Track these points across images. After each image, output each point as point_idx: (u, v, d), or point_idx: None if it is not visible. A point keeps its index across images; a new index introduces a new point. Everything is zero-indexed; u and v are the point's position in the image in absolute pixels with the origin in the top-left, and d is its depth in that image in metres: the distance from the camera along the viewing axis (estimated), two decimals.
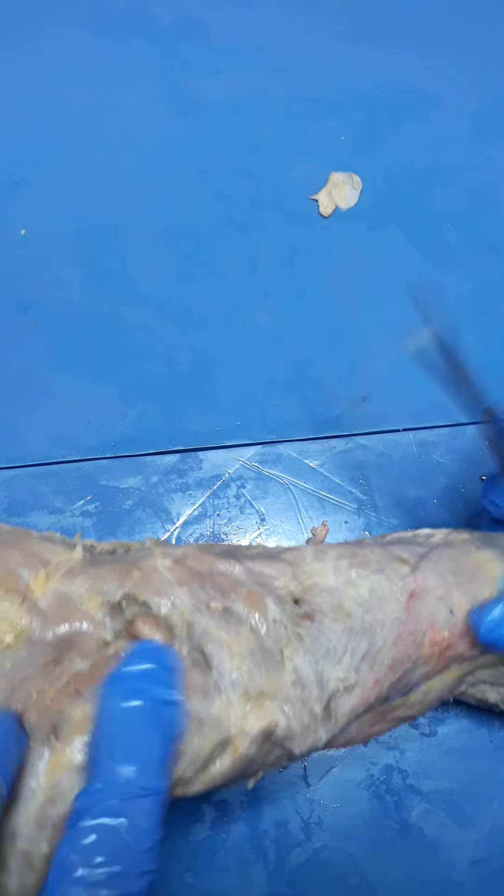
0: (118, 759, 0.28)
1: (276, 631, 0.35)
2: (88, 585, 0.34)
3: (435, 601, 0.38)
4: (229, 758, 0.33)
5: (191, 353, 0.52)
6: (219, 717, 0.32)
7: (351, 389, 0.52)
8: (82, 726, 0.31)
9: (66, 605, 0.34)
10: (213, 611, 0.35)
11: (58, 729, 0.31)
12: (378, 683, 0.37)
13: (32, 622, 0.33)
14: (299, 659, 0.35)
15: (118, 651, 0.33)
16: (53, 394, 0.50)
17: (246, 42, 0.58)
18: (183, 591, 0.35)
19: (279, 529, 0.49)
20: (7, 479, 0.48)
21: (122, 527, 0.48)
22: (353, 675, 0.36)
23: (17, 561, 0.35)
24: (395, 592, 0.38)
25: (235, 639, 0.34)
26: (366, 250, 0.55)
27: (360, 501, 0.50)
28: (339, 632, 0.36)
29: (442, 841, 0.44)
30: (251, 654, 0.34)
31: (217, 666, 0.33)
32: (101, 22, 0.57)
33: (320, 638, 0.36)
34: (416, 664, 0.38)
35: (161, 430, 0.50)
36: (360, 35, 0.59)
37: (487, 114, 0.58)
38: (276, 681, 0.34)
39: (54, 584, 0.34)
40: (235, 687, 0.33)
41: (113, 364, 0.51)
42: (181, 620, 0.34)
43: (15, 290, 0.52)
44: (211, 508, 0.49)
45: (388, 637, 0.37)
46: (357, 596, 0.37)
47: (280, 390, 0.52)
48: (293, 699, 0.34)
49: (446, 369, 0.39)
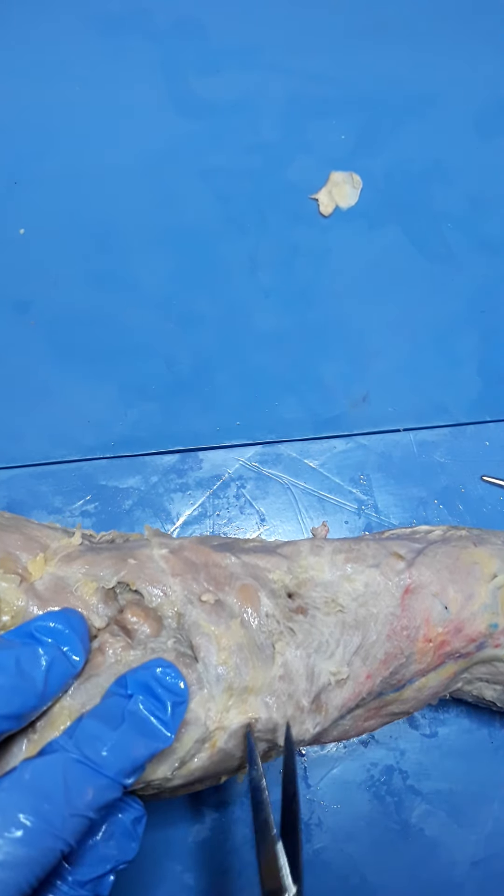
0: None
1: (269, 625, 0.35)
2: (85, 571, 0.35)
3: (430, 597, 0.38)
4: (207, 752, 0.33)
5: (191, 353, 0.52)
6: (198, 713, 0.32)
7: (351, 389, 0.52)
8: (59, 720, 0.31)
9: (62, 590, 0.34)
10: (205, 603, 0.35)
11: (36, 722, 0.31)
12: (370, 677, 0.37)
13: (29, 604, 0.33)
14: (290, 653, 0.35)
15: (102, 645, 0.33)
16: (53, 394, 0.50)
17: (246, 42, 0.58)
18: (176, 581, 0.35)
19: (279, 529, 0.49)
20: (7, 479, 0.48)
21: (122, 527, 0.48)
22: (346, 668, 0.36)
23: (17, 544, 0.35)
24: (389, 587, 0.38)
25: (225, 632, 0.34)
26: (366, 250, 0.55)
27: (361, 501, 0.50)
28: (332, 625, 0.36)
29: (442, 842, 0.44)
30: (239, 649, 0.34)
31: (203, 659, 0.33)
32: (101, 22, 0.57)
33: (313, 632, 0.36)
34: (410, 659, 0.38)
35: (161, 430, 0.50)
36: (360, 35, 0.59)
37: (487, 114, 0.58)
38: (263, 675, 0.34)
39: (52, 568, 0.35)
40: (219, 681, 0.33)
41: (113, 364, 0.51)
42: (172, 611, 0.34)
43: (15, 289, 0.52)
44: (211, 508, 0.49)
45: (382, 631, 0.37)
46: (352, 590, 0.37)
47: (280, 390, 0.52)
48: (278, 692, 0.34)
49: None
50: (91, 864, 0.29)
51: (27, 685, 0.29)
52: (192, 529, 0.48)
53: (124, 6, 0.57)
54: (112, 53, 0.56)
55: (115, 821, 0.30)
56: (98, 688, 0.32)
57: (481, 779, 0.45)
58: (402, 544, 0.40)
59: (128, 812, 0.30)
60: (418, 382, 0.53)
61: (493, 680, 0.41)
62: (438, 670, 0.39)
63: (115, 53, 0.56)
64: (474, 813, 0.45)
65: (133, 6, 0.57)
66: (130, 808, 0.31)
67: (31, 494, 0.48)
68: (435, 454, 0.51)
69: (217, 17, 0.58)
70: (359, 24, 0.59)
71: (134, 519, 0.48)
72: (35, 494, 0.48)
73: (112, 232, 0.53)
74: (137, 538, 0.39)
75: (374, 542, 0.40)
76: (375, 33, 0.59)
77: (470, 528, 0.43)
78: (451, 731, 0.46)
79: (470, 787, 0.45)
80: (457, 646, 0.38)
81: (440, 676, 0.39)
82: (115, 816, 0.30)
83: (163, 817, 0.43)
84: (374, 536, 0.42)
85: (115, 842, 0.30)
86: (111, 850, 0.29)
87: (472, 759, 0.46)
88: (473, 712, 0.46)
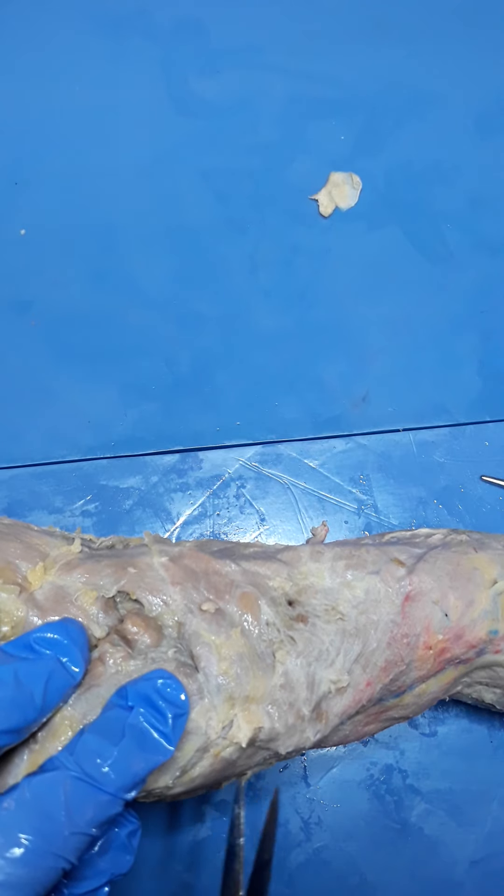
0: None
1: (269, 634, 0.35)
2: (85, 580, 0.35)
3: (430, 604, 0.38)
4: (208, 760, 0.33)
5: (191, 353, 0.52)
6: (199, 722, 0.32)
7: (351, 389, 0.52)
8: (60, 730, 0.31)
9: (63, 599, 0.34)
10: (206, 612, 0.35)
11: (37, 733, 0.31)
12: (371, 685, 0.37)
13: (29, 614, 0.33)
14: (291, 662, 0.35)
15: (102, 655, 0.33)
16: (53, 394, 0.50)
17: (246, 42, 0.58)
18: (176, 590, 0.35)
19: (279, 529, 0.49)
20: (7, 479, 0.48)
21: (122, 527, 0.48)
22: (346, 676, 0.36)
23: (16, 553, 0.35)
24: (390, 594, 0.38)
25: (226, 641, 0.34)
26: (366, 250, 0.55)
27: (360, 501, 0.50)
28: (333, 633, 0.36)
29: (442, 841, 0.44)
30: (240, 658, 0.34)
31: (204, 669, 0.33)
32: (101, 22, 0.57)
33: (313, 640, 0.36)
34: (410, 666, 0.38)
35: (161, 430, 0.50)
36: (360, 35, 0.59)
37: (487, 114, 0.58)
38: (263, 684, 0.34)
39: (52, 577, 0.35)
40: (220, 691, 0.33)
41: (113, 364, 0.51)
42: (172, 621, 0.34)
43: (15, 290, 0.52)
44: (211, 508, 0.49)
45: (382, 639, 0.37)
46: (352, 597, 0.37)
47: (280, 390, 0.52)
48: (279, 702, 0.34)
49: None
50: (87, 878, 0.29)
51: (26, 699, 0.29)
52: (192, 529, 0.48)
53: (124, 6, 0.57)
54: (112, 53, 0.56)
55: (111, 835, 0.30)
56: (98, 698, 0.31)
57: (481, 778, 0.45)
58: (402, 550, 0.40)
59: (124, 826, 0.30)
60: (418, 382, 0.53)
61: (493, 684, 0.41)
62: (438, 676, 0.39)
63: (115, 53, 0.56)
64: (474, 812, 0.45)
65: (133, 6, 0.57)
66: (127, 822, 0.31)
67: (32, 494, 0.48)
68: (434, 454, 0.51)
69: (217, 17, 0.58)
70: (359, 25, 0.59)
71: (134, 519, 0.48)
72: (35, 494, 0.48)
73: (112, 232, 0.53)
74: (137, 543, 0.39)
75: (375, 547, 0.40)
76: (375, 34, 0.59)
77: (470, 532, 0.43)
78: (451, 731, 0.46)
79: (469, 786, 0.45)
80: (457, 652, 0.38)
81: (440, 682, 0.39)
82: (112, 831, 0.30)
83: (163, 817, 0.43)
84: (374, 540, 0.42)
85: (111, 855, 0.30)
86: (107, 864, 0.30)
87: (472, 758, 0.46)
88: (473, 712, 0.46)
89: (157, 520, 0.48)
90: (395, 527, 0.49)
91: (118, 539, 0.40)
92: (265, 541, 0.49)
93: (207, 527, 0.48)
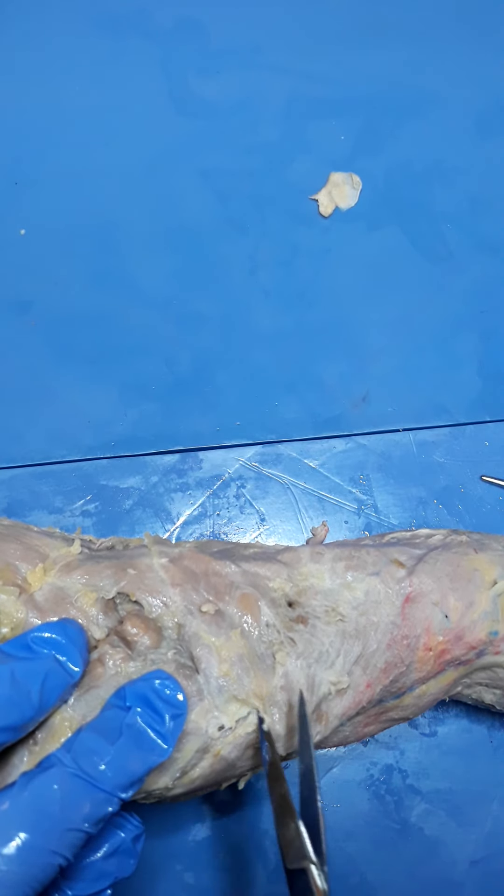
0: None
1: (269, 635, 0.35)
2: (84, 581, 0.35)
3: (430, 605, 0.38)
4: (208, 761, 0.33)
5: (191, 353, 0.52)
6: (199, 723, 0.32)
7: (351, 389, 0.52)
8: (60, 732, 0.31)
9: (62, 600, 0.34)
10: (206, 614, 0.35)
11: (36, 733, 0.31)
12: (370, 686, 0.37)
13: (28, 615, 0.33)
14: (291, 663, 0.35)
15: (102, 656, 0.33)
16: (53, 394, 0.50)
17: (246, 42, 0.58)
18: (176, 591, 0.35)
19: (279, 529, 0.49)
20: (7, 479, 0.48)
21: (122, 526, 0.48)
22: (346, 678, 0.36)
23: (16, 554, 0.35)
24: (390, 596, 0.38)
25: (225, 643, 0.34)
26: (366, 250, 0.55)
27: (360, 501, 0.50)
28: (333, 635, 0.36)
29: (442, 841, 0.44)
30: (240, 660, 0.34)
31: (204, 670, 0.33)
32: (101, 22, 0.57)
33: (313, 642, 0.36)
34: (410, 668, 0.38)
35: (161, 430, 0.50)
36: (360, 35, 0.59)
37: (487, 114, 0.58)
38: (264, 686, 0.34)
39: (51, 579, 0.35)
40: (221, 692, 0.33)
41: (113, 364, 0.51)
42: (172, 622, 0.34)
43: (15, 290, 0.52)
44: (211, 508, 0.49)
45: (382, 640, 0.37)
46: (352, 599, 0.37)
47: (280, 390, 0.52)
48: (280, 703, 0.34)
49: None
50: (90, 880, 0.29)
51: (23, 697, 0.29)
52: (192, 529, 0.48)
53: (124, 6, 0.57)
54: (112, 53, 0.56)
55: (116, 839, 0.30)
56: (98, 699, 0.32)
57: (481, 778, 0.45)
58: (402, 551, 0.40)
59: (128, 830, 0.31)
60: (418, 382, 0.53)
61: (493, 685, 0.41)
62: (438, 677, 0.39)
63: (115, 53, 0.56)
64: (474, 812, 0.45)
65: (133, 6, 0.57)
66: (131, 826, 0.31)
67: (32, 494, 0.48)
68: (434, 454, 0.51)
69: (217, 17, 0.58)
70: (359, 25, 0.59)
71: (134, 519, 0.48)
72: (35, 494, 0.48)
73: (112, 232, 0.53)
74: (137, 544, 0.39)
75: (375, 548, 0.40)
76: (375, 34, 0.59)
77: (470, 533, 0.43)
78: (451, 731, 0.46)
79: (469, 786, 0.45)
80: (457, 654, 0.38)
81: (440, 683, 0.39)
82: (117, 835, 0.30)
83: (163, 817, 0.43)
84: (375, 541, 0.42)
85: (115, 859, 0.30)
86: (110, 867, 0.30)
87: (472, 758, 0.46)
88: (473, 712, 0.46)
89: (157, 520, 0.48)
90: (395, 527, 0.49)
91: (118, 540, 0.40)
92: (265, 541, 0.49)
93: (207, 527, 0.49)
